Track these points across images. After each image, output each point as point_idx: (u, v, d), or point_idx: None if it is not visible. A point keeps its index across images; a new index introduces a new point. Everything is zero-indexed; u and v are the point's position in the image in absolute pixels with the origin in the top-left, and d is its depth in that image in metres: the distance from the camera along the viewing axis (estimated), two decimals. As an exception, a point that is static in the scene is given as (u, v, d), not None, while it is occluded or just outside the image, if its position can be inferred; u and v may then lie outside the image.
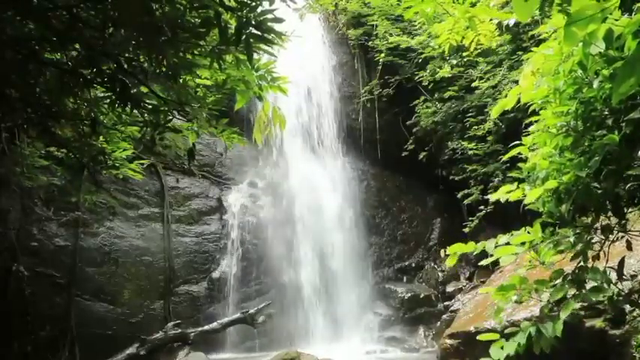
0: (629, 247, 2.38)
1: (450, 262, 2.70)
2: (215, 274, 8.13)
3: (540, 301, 2.51)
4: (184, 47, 3.19)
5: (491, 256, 2.52)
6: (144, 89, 3.49)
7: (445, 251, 2.69)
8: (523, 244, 2.44)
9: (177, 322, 7.16)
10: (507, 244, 2.50)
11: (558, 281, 2.37)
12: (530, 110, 2.68)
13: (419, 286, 9.42)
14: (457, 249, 2.63)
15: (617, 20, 1.79)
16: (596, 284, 2.30)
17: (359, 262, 9.32)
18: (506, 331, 2.47)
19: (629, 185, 2.09)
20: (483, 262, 2.56)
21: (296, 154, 9.90)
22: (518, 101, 2.60)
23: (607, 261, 2.38)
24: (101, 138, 4.53)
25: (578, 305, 3.72)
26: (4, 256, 6.37)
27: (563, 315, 2.28)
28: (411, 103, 9.90)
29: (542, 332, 2.30)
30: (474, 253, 2.63)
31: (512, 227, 2.75)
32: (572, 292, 2.37)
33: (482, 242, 2.58)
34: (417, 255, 10.03)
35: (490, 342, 2.48)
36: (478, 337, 2.54)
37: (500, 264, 2.53)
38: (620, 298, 2.51)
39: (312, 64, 10.45)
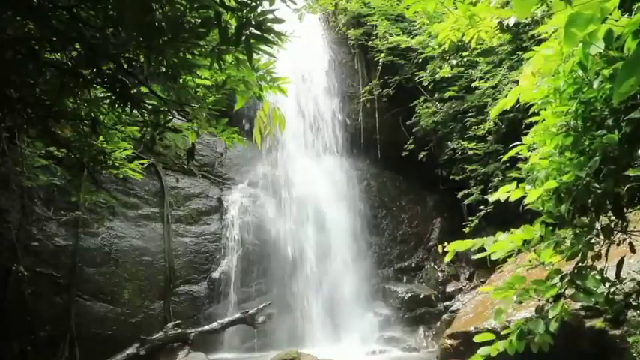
0: (632, 249, 2.38)
1: (447, 258, 2.71)
2: (215, 274, 8.13)
3: (540, 300, 2.51)
4: (184, 47, 3.19)
5: (485, 251, 2.53)
6: (144, 89, 3.49)
7: (444, 247, 2.70)
8: (524, 241, 2.44)
9: (178, 322, 7.17)
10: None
11: (555, 280, 2.37)
12: (530, 110, 2.69)
13: (419, 286, 9.42)
14: (456, 246, 2.63)
15: (616, 20, 1.79)
16: (589, 286, 2.30)
17: (359, 262, 9.32)
18: (503, 332, 2.47)
19: (628, 185, 2.09)
20: (478, 256, 2.57)
21: (296, 154, 9.90)
22: (518, 101, 2.60)
23: (606, 261, 2.38)
24: (101, 138, 4.54)
25: (578, 305, 3.74)
26: (4, 256, 6.38)
27: (552, 313, 2.28)
28: (411, 103, 9.91)
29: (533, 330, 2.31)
30: (474, 255, 2.62)
31: (512, 227, 2.75)
32: (570, 291, 2.37)
33: (480, 239, 2.58)
34: (417, 255, 10.03)
35: (491, 341, 2.49)
36: (475, 339, 2.55)
37: (492, 258, 2.54)
38: (619, 297, 2.51)
39: (311, 64, 10.45)
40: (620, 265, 2.32)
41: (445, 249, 2.68)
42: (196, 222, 8.56)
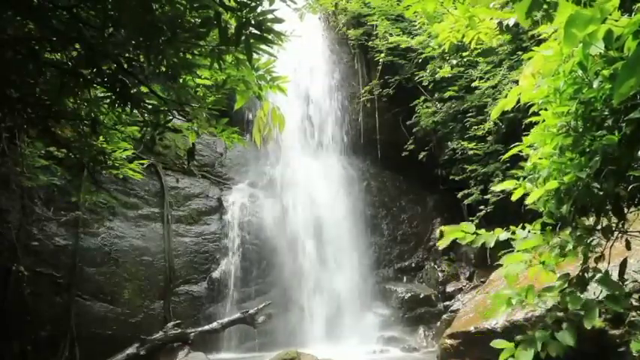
0: (627, 246, 2.38)
1: (441, 243, 2.69)
2: (215, 274, 8.13)
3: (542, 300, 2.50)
4: (184, 47, 3.18)
5: (501, 263, 2.50)
6: (144, 89, 3.49)
7: (441, 232, 2.67)
8: (527, 250, 2.43)
9: (178, 322, 7.16)
10: (510, 244, 2.49)
11: (565, 286, 2.36)
12: (530, 110, 2.68)
13: (419, 286, 9.41)
14: (453, 235, 2.60)
15: (616, 21, 1.79)
16: (610, 293, 2.27)
17: (359, 262, 9.31)
18: (518, 338, 2.44)
19: (632, 186, 2.09)
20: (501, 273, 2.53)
21: (296, 154, 9.90)
22: (518, 101, 2.60)
23: (609, 262, 2.38)
24: (101, 138, 4.54)
25: (577, 305, 3.72)
26: (4, 256, 6.38)
27: (588, 324, 2.22)
28: (411, 103, 9.90)
29: (555, 339, 2.28)
30: (474, 249, 2.61)
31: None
32: (579, 295, 2.36)
33: (481, 234, 2.57)
34: (417, 255, 10.03)
35: (491, 341, 2.48)
36: (490, 344, 2.51)
37: (505, 273, 2.50)
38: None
39: (312, 64, 10.45)
40: (623, 266, 2.32)
41: (441, 234, 2.65)
42: (196, 222, 8.56)
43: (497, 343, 2.46)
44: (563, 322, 2.31)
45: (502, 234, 2.57)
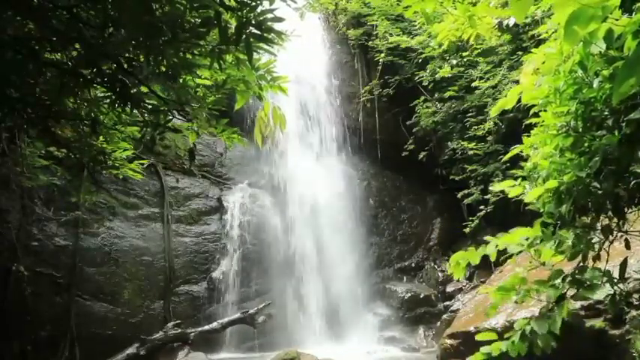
0: (627, 246, 2.38)
1: (457, 275, 2.66)
2: (215, 274, 8.13)
3: (540, 300, 2.50)
4: (184, 47, 3.18)
5: (496, 247, 2.48)
6: (144, 89, 3.49)
7: (448, 260, 2.67)
8: (527, 239, 2.43)
9: (178, 322, 7.17)
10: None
11: (558, 281, 2.37)
12: (530, 110, 2.68)
13: (419, 286, 9.42)
14: (460, 257, 2.60)
15: (617, 20, 1.79)
16: (593, 283, 2.29)
17: (359, 262, 9.32)
18: (506, 335, 2.46)
19: (634, 182, 2.09)
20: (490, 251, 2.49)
21: (296, 154, 9.90)
22: (519, 101, 2.59)
23: (607, 261, 2.38)
24: (101, 138, 4.53)
25: (578, 305, 3.73)
26: (4, 256, 6.38)
27: (562, 314, 2.26)
28: (411, 103, 9.91)
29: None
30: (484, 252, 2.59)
31: (512, 227, 2.74)
32: (571, 292, 2.37)
33: (483, 247, 2.57)
34: (417, 255, 10.03)
35: (490, 341, 2.48)
36: (477, 337, 2.54)
37: (508, 252, 2.50)
38: (621, 298, 2.50)
39: (312, 64, 10.46)
40: (623, 266, 2.32)
41: (449, 265, 2.64)
42: (196, 222, 8.56)
43: (482, 335, 2.47)
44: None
45: (500, 242, 2.55)
